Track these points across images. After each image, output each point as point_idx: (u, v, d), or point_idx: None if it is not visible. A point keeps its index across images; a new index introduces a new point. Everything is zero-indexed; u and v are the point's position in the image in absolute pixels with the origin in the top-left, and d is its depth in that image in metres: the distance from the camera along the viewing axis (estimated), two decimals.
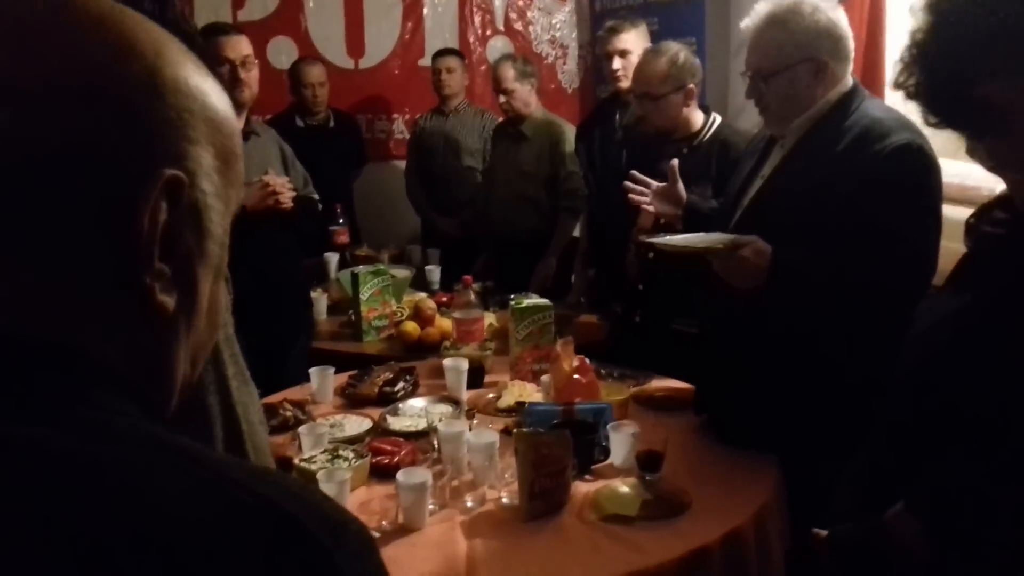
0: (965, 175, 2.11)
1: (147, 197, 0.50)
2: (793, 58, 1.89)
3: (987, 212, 1.18)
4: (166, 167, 0.51)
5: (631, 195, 2.34)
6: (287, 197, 2.73)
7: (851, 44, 1.94)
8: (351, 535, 0.50)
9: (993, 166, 1.09)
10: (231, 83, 2.68)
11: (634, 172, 2.37)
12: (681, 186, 2.29)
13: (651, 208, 2.35)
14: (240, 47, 2.75)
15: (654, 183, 2.32)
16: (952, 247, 1.44)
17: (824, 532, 1.27)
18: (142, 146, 0.51)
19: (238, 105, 2.78)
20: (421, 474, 1.70)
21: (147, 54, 0.52)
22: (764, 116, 2.03)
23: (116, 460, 0.46)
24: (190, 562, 0.44)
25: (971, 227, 1.20)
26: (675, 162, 2.33)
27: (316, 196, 3.08)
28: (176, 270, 0.53)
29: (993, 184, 1.27)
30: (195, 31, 1.00)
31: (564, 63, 5.19)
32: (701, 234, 1.99)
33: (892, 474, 1.18)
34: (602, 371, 2.44)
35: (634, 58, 3.20)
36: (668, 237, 2.03)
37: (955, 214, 1.62)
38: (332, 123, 4.40)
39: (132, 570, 0.42)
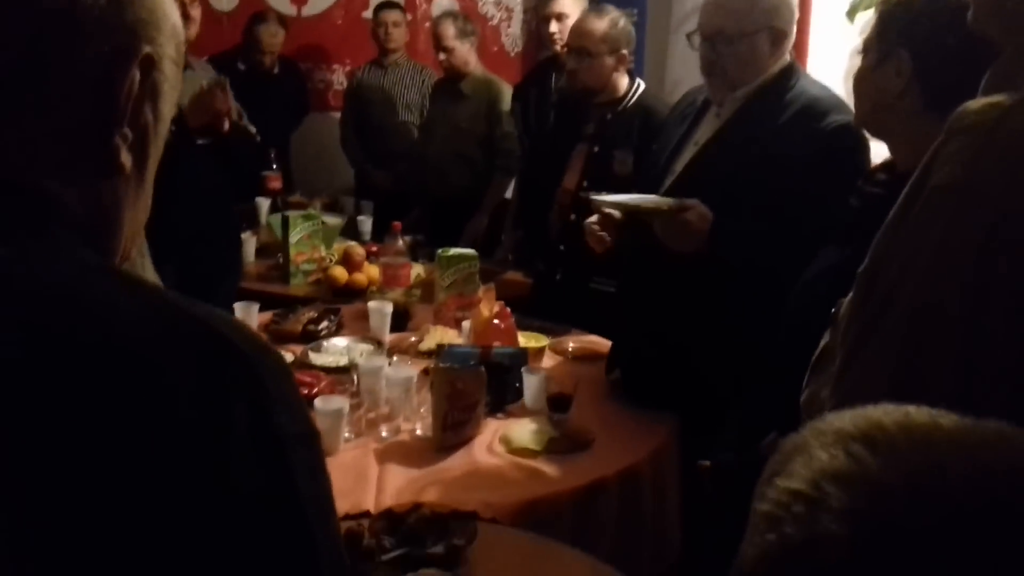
0: None
1: (128, 66, 0.60)
2: (758, 24, 1.91)
3: (872, 175, 1.30)
4: (145, 45, 0.61)
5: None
6: (227, 104, 2.72)
7: (796, 18, 1.99)
8: (272, 357, 0.58)
9: None
10: (182, 19, 2.67)
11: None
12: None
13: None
14: None
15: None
16: None
17: (707, 463, 1.38)
18: (128, 27, 0.60)
19: (186, 41, 2.77)
20: (338, 401, 1.76)
21: None
22: (712, 81, 2.03)
23: (68, 278, 0.54)
24: (136, 368, 0.51)
25: (857, 188, 1.32)
26: None
27: (253, 129, 3.06)
28: (135, 138, 0.62)
29: None
30: None
31: (508, 26, 5.21)
32: (642, 195, 2.01)
33: (770, 409, 1.30)
34: (522, 323, 2.53)
35: (570, 22, 3.26)
36: (610, 196, 2.05)
37: None
38: (276, 70, 4.35)
39: (84, 376, 0.50)
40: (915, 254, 0.81)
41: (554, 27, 3.35)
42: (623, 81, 2.83)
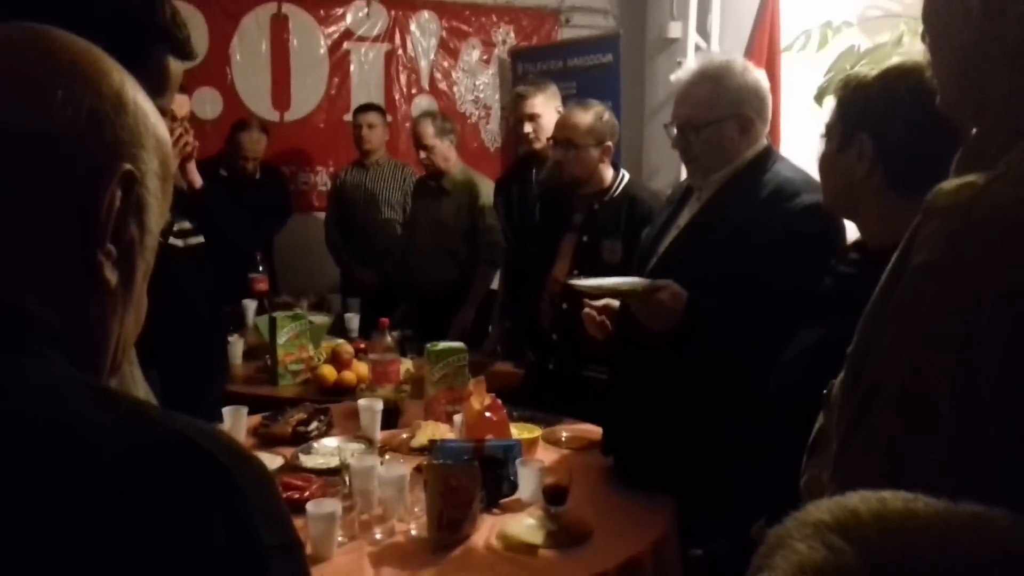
0: None
1: (108, 184, 0.60)
2: (723, 112, 1.99)
3: (844, 254, 1.33)
4: (125, 162, 0.62)
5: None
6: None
7: (770, 105, 2.07)
8: (252, 467, 0.58)
9: None
10: (180, 138, 2.75)
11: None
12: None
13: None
14: (186, 105, 2.85)
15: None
16: None
17: (699, 552, 1.36)
18: (108, 146, 0.61)
19: (188, 158, 2.87)
20: (330, 504, 1.73)
21: (115, 79, 0.63)
22: (690, 167, 2.12)
23: (45, 394, 0.53)
24: (109, 483, 0.51)
25: (830, 268, 1.34)
26: None
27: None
28: (120, 254, 0.62)
29: None
30: (188, 37, 1.06)
31: (487, 123, 5.36)
32: (620, 278, 2.07)
33: (759, 493, 1.29)
34: (514, 413, 2.51)
35: (543, 121, 3.37)
36: (589, 280, 2.11)
37: None
38: (259, 175, 4.43)
39: (57, 493, 0.49)
40: (901, 335, 0.83)
41: (528, 127, 3.46)
42: (608, 172, 2.90)
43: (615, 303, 2.14)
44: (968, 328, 0.78)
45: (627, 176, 2.94)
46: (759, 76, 2.06)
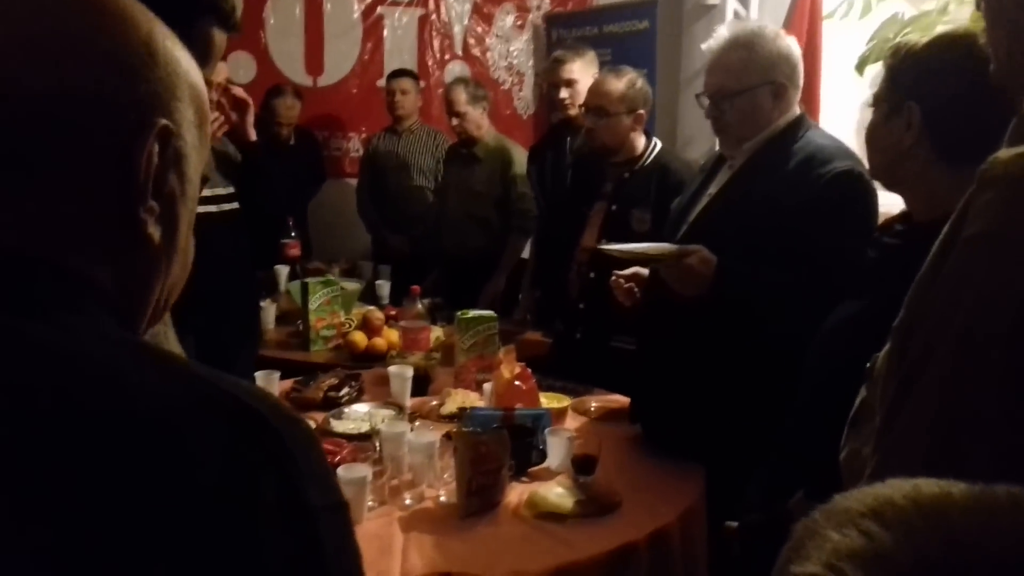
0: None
1: (145, 141, 0.60)
2: (757, 79, 1.97)
3: (889, 225, 1.30)
4: (160, 117, 0.61)
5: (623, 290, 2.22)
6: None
7: (802, 72, 2.05)
8: (300, 428, 0.58)
9: None
10: (219, 106, 2.75)
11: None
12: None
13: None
14: (223, 72, 2.84)
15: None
16: None
17: (734, 524, 1.35)
18: (142, 100, 0.60)
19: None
20: (361, 469, 1.74)
21: (143, 28, 0.62)
22: (721, 136, 2.11)
23: (99, 353, 0.54)
24: (162, 441, 0.51)
25: (874, 239, 1.31)
26: None
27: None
28: (162, 208, 0.62)
29: None
30: (233, 8, 1.06)
31: (520, 89, 5.31)
32: (650, 243, 2.07)
33: (796, 466, 1.27)
34: (543, 383, 2.51)
35: (580, 87, 3.32)
36: (619, 245, 2.11)
37: None
38: (293, 140, 4.44)
39: (110, 446, 0.50)
40: (951, 307, 0.80)
41: (564, 93, 3.41)
42: (640, 140, 2.86)
43: (644, 271, 2.13)
44: (1022, 300, 0.76)
45: (659, 145, 2.90)
46: (790, 42, 2.04)
